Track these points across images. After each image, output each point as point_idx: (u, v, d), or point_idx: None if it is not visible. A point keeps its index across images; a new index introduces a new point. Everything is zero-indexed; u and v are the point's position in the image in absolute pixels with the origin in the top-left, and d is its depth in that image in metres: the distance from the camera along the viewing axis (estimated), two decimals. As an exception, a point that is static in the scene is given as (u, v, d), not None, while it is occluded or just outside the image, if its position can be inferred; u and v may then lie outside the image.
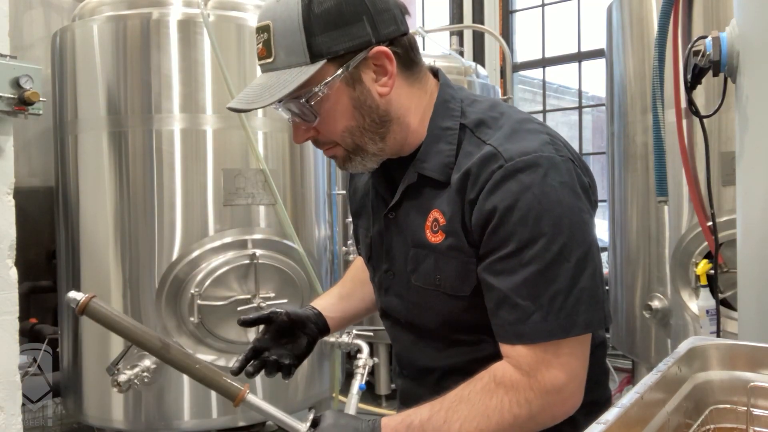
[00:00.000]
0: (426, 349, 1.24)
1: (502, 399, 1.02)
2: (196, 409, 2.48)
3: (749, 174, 1.35)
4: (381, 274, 1.27)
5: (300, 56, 1.04)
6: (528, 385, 1.02)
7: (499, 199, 1.03)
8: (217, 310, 2.44)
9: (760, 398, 0.85)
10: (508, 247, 1.03)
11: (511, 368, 1.04)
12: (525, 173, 1.03)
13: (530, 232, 1.01)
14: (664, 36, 2.49)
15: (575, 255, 1.02)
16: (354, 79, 1.08)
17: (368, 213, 1.30)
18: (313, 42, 1.03)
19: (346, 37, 1.05)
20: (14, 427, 2.18)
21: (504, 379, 1.04)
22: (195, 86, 2.49)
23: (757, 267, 1.33)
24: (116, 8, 2.57)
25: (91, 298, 1.16)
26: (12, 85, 2.11)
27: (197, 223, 2.49)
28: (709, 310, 2.46)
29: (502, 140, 1.07)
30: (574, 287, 1.02)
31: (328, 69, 1.05)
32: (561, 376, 1.02)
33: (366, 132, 1.12)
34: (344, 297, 1.49)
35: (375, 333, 2.92)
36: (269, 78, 1.07)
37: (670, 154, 2.56)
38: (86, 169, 2.58)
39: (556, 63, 5.72)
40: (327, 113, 1.09)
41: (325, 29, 1.04)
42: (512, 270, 1.03)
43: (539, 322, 1.01)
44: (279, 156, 2.67)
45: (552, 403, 1.03)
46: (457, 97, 1.18)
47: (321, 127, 1.11)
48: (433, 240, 1.13)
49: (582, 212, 1.06)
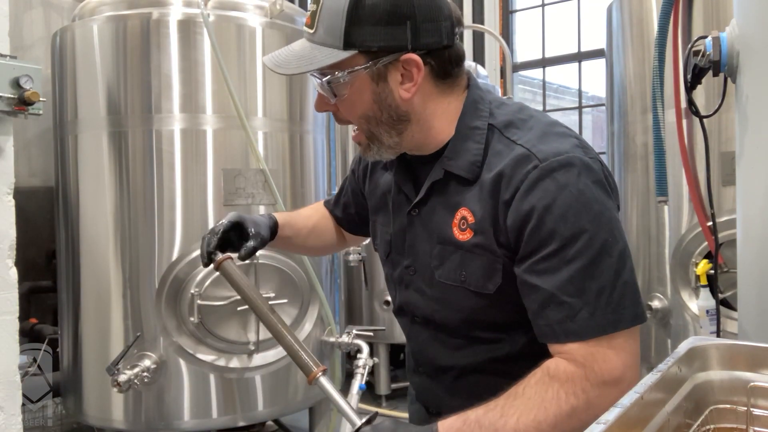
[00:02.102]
0: (443, 347, 1.25)
1: (558, 391, 1.01)
2: (196, 409, 2.48)
3: (749, 174, 1.35)
4: (401, 270, 1.28)
5: (335, 40, 1.07)
6: (584, 375, 1.01)
7: (537, 199, 1.03)
8: (217, 310, 2.44)
9: (760, 398, 0.85)
10: (551, 245, 1.03)
11: (565, 362, 1.03)
12: (560, 172, 1.04)
13: (571, 229, 1.02)
14: (664, 36, 2.49)
15: (616, 250, 1.03)
16: (379, 76, 1.10)
17: (388, 210, 1.31)
18: (352, 31, 1.06)
19: (384, 36, 1.07)
20: (14, 427, 2.18)
21: (558, 372, 1.03)
22: (195, 86, 2.49)
23: (757, 267, 1.33)
24: (116, 8, 2.57)
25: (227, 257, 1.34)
26: (12, 85, 2.11)
27: (197, 223, 2.49)
28: (709, 310, 2.46)
29: (534, 141, 1.09)
30: (617, 282, 1.02)
31: (358, 59, 1.08)
32: (618, 367, 1.02)
33: (382, 124, 1.14)
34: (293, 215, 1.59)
35: (375, 333, 2.92)
36: (304, 48, 1.12)
37: (670, 154, 2.56)
38: (86, 169, 2.58)
39: (556, 63, 5.72)
40: (346, 98, 1.12)
41: (367, 22, 1.06)
42: (556, 268, 1.03)
43: (587, 319, 1.01)
44: (279, 156, 2.67)
45: (610, 394, 1.00)
46: (486, 99, 1.19)
47: (340, 106, 1.15)
48: (461, 237, 1.14)
49: (614, 210, 1.07)
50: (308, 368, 1.18)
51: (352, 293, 4.03)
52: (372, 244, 1.44)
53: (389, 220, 1.30)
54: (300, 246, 1.61)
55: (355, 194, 1.53)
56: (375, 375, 3.98)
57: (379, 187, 1.36)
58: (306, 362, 1.19)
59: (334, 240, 1.64)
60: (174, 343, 2.44)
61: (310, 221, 1.60)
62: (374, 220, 1.39)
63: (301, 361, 1.20)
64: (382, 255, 1.36)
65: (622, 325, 1.02)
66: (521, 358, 1.09)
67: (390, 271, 1.34)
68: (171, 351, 2.45)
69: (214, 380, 2.49)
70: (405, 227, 1.25)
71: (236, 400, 2.52)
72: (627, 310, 1.02)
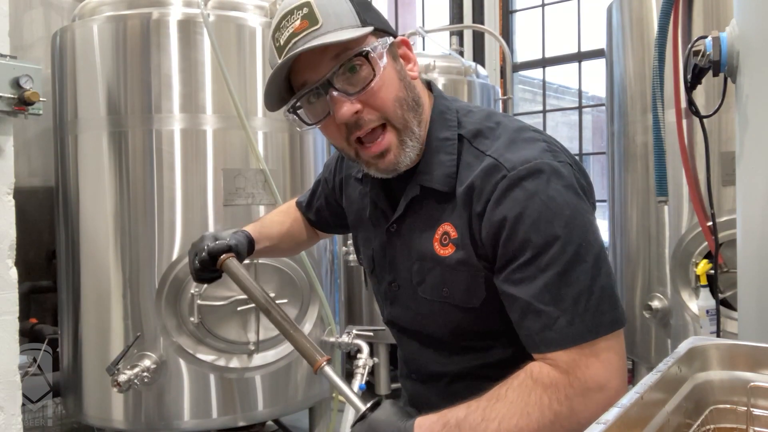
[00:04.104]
0: (434, 356, 1.24)
1: (541, 396, 0.99)
2: (196, 409, 2.48)
3: (749, 174, 1.35)
4: (386, 286, 1.27)
5: (351, 20, 1.07)
6: (567, 382, 0.99)
7: (508, 209, 1.03)
8: (217, 310, 2.44)
9: (760, 398, 0.85)
10: (525, 255, 1.02)
11: (549, 367, 1.01)
12: (529, 180, 1.03)
13: (543, 237, 1.00)
14: (664, 36, 2.49)
15: (591, 254, 1.01)
16: (394, 56, 1.12)
17: (367, 225, 1.30)
18: (360, 11, 1.08)
19: (381, 20, 1.12)
20: (14, 427, 2.18)
21: (542, 377, 1.00)
22: (195, 86, 2.49)
23: (757, 267, 1.33)
24: (116, 8, 2.57)
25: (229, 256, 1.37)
26: (12, 85, 2.11)
27: (197, 223, 2.49)
28: (709, 310, 2.46)
29: (502, 150, 1.08)
30: (594, 287, 1.01)
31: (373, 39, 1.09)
32: (602, 374, 1.00)
33: (411, 109, 1.12)
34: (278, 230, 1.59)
35: (375, 333, 2.92)
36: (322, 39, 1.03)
37: (670, 154, 2.56)
38: (86, 169, 2.58)
39: (556, 63, 5.71)
40: (380, 79, 1.07)
41: (365, 9, 1.09)
42: (532, 277, 1.01)
43: (566, 327, 0.99)
44: (279, 156, 2.67)
45: (595, 401, 0.99)
46: (452, 107, 1.18)
47: (373, 95, 1.07)
48: (442, 253, 1.13)
49: (588, 213, 1.06)
50: (313, 358, 1.20)
51: (352, 293, 4.03)
52: None
53: (370, 236, 1.29)
54: (275, 251, 1.63)
55: (329, 202, 1.52)
56: (375, 375, 3.98)
57: (355, 203, 1.35)
58: (311, 352, 1.21)
59: (305, 238, 1.66)
60: (174, 343, 2.44)
61: (284, 227, 1.60)
62: (355, 236, 1.39)
63: (306, 351, 1.22)
64: (367, 270, 1.36)
65: (602, 331, 1.01)
66: (513, 363, 1.07)
67: (376, 287, 1.33)
68: (171, 351, 2.45)
69: (214, 380, 2.49)
70: (385, 243, 1.24)
71: (236, 400, 2.52)
72: (606, 316, 1.01)
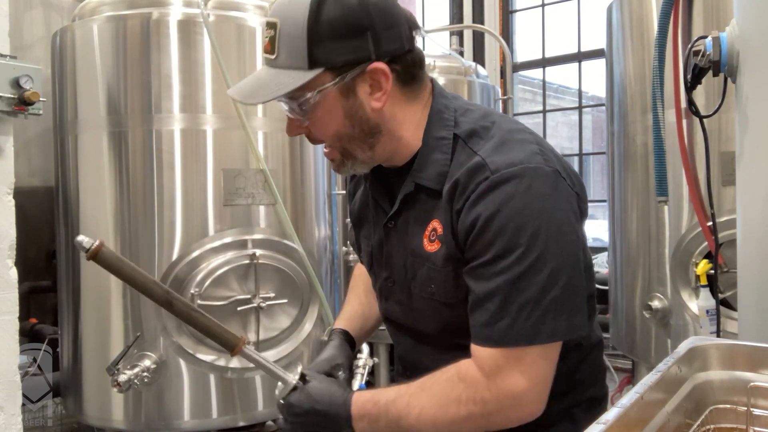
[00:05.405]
0: (428, 353, 1.26)
1: (461, 394, 1.07)
2: (196, 409, 2.48)
3: (749, 174, 1.36)
4: (381, 282, 1.30)
5: (300, 61, 1.06)
6: (486, 386, 1.06)
7: (482, 209, 1.06)
8: (217, 310, 2.44)
9: (760, 398, 0.85)
10: (486, 255, 1.06)
11: (475, 367, 1.08)
12: (509, 184, 1.05)
13: (506, 243, 1.04)
14: (664, 36, 2.48)
15: (549, 266, 1.04)
16: (348, 90, 1.10)
17: (369, 222, 1.32)
18: (315, 50, 1.05)
19: (346, 50, 1.07)
20: (14, 427, 2.18)
21: (467, 376, 1.08)
22: (195, 86, 2.49)
23: (757, 267, 1.33)
24: (116, 8, 2.57)
25: (102, 244, 1.18)
26: (12, 85, 2.11)
27: (197, 223, 2.49)
28: (709, 310, 2.46)
29: (490, 151, 1.09)
30: (543, 298, 1.04)
31: (325, 77, 1.07)
32: (521, 383, 1.05)
33: (354, 140, 1.14)
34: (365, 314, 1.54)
35: (375, 333, 2.92)
36: (269, 74, 1.10)
37: (670, 154, 2.56)
38: (86, 169, 2.58)
39: (556, 63, 5.71)
40: (318, 118, 1.12)
41: (328, 38, 1.05)
42: (487, 277, 1.06)
43: (505, 329, 1.04)
44: (279, 156, 2.66)
45: (507, 407, 1.06)
46: (451, 107, 1.19)
47: (312, 125, 1.14)
48: (429, 248, 1.15)
49: (562, 224, 1.07)
50: (230, 342, 1.18)
51: (352, 293, 4.02)
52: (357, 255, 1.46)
53: (370, 233, 1.31)
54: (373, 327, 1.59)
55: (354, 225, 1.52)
56: (375, 375, 3.98)
57: (358, 201, 1.37)
58: (227, 336, 1.19)
59: None
60: (174, 343, 2.44)
61: (371, 296, 1.52)
62: (357, 233, 1.40)
63: (221, 337, 1.19)
64: (366, 267, 1.38)
65: (538, 340, 1.04)
66: None
67: (373, 282, 1.36)
68: (171, 351, 2.45)
69: (214, 380, 2.49)
70: (383, 239, 1.26)
71: (236, 400, 2.52)
72: (546, 326, 1.04)
